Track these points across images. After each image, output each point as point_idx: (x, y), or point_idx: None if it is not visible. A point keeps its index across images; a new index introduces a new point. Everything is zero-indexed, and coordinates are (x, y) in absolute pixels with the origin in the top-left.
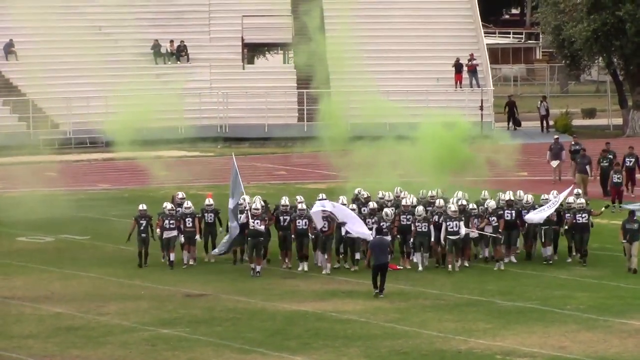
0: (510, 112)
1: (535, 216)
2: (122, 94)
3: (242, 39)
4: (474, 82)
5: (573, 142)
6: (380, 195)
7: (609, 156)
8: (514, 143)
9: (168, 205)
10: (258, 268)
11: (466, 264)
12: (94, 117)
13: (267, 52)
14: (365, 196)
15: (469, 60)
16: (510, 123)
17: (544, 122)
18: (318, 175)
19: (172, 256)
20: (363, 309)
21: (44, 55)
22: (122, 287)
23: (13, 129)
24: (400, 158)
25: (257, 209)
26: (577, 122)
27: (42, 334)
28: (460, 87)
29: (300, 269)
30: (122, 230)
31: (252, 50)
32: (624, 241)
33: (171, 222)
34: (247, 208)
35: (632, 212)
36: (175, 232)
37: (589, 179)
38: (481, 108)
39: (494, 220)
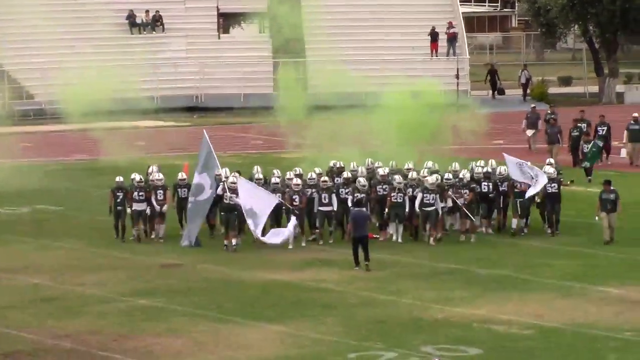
0: (492, 81)
1: (532, 190)
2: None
3: (218, 9)
4: (451, 50)
5: (549, 111)
6: (352, 167)
7: (580, 125)
8: (484, 111)
9: (137, 177)
10: (234, 241)
11: (438, 235)
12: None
13: (242, 22)
14: (339, 166)
15: (448, 28)
16: (494, 91)
17: (525, 90)
18: (294, 144)
19: (155, 229)
20: (340, 278)
21: (18, 26)
22: (99, 258)
23: None
24: (366, 128)
25: (234, 183)
26: (553, 90)
27: (19, 304)
28: (436, 56)
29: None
30: (97, 201)
31: (228, 20)
32: (597, 218)
33: (140, 194)
34: (223, 180)
35: (608, 182)
36: (145, 205)
37: (560, 148)
38: (457, 77)
39: (466, 192)
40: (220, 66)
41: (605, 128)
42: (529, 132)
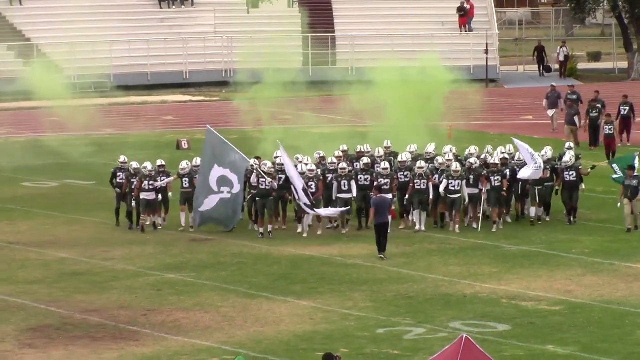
0: (539, 58)
1: (526, 172)
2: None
3: None
4: (468, 26)
5: (569, 92)
6: (366, 149)
7: (598, 106)
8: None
9: (149, 166)
10: (269, 228)
11: (474, 225)
12: (99, 62)
13: None
14: (359, 150)
15: (462, 4)
16: (540, 68)
17: (563, 67)
18: (323, 119)
19: (156, 218)
20: (368, 254)
21: (48, 0)
22: (127, 232)
23: (17, 74)
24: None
25: (272, 167)
26: (582, 65)
27: (48, 279)
28: (466, 31)
29: (299, 231)
30: None
31: None
32: (619, 204)
33: (150, 183)
34: (254, 168)
35: (631, 167)
36: (154, 195)
37: (578, 129)
38: (486, 52)
39: (497, 179)
40: (249, 41)
41: (628, 108)
42: (550, 112)
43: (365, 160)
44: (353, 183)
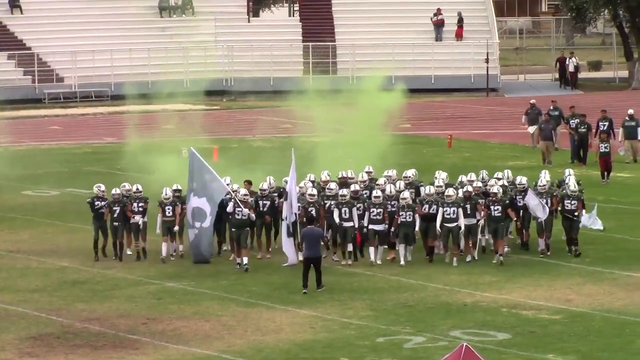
0: (561, 69)
1: (533, 202)
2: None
3: None
4: (438, 36)
5: (552, 107)
6: (341, 174)
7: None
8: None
9: (133, 187)
10: (245, 261)
11: (475, 257)
12: (99, 71)
13: (272, 5)
14: (341, 176)
15: (435, 14)
16: (561, 79)
17: (573, 78)
18: (323, 128)
19: (145, 244)
20: (369, 263)
21: (49, 9)
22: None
23: (18, 83)
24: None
25: (247, 195)
26: (583, 75)
27: (48, 287)
28: (461, 40)
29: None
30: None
31: (258, 3)
32: None
33: (140, 204)
34: (233, 193)
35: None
36: (144, 218)
37: (554, 145)
38: (487, 61)
39: (497, 209)
40: (249, 50)
41: (607, 123)
42: (531, 129)
43: (354, 187)
44: (354, 210)
